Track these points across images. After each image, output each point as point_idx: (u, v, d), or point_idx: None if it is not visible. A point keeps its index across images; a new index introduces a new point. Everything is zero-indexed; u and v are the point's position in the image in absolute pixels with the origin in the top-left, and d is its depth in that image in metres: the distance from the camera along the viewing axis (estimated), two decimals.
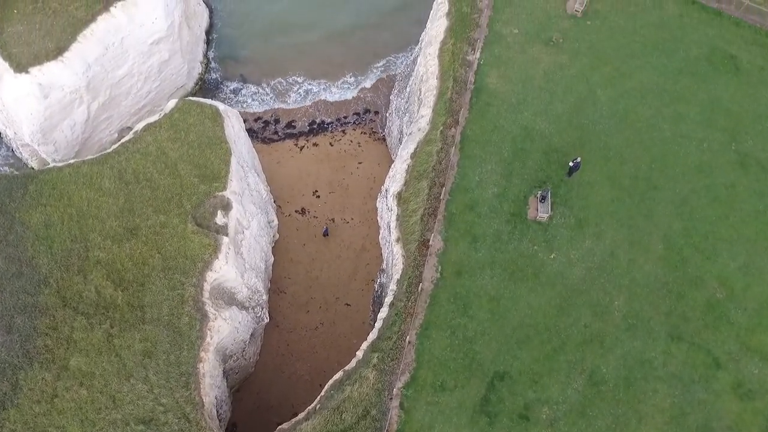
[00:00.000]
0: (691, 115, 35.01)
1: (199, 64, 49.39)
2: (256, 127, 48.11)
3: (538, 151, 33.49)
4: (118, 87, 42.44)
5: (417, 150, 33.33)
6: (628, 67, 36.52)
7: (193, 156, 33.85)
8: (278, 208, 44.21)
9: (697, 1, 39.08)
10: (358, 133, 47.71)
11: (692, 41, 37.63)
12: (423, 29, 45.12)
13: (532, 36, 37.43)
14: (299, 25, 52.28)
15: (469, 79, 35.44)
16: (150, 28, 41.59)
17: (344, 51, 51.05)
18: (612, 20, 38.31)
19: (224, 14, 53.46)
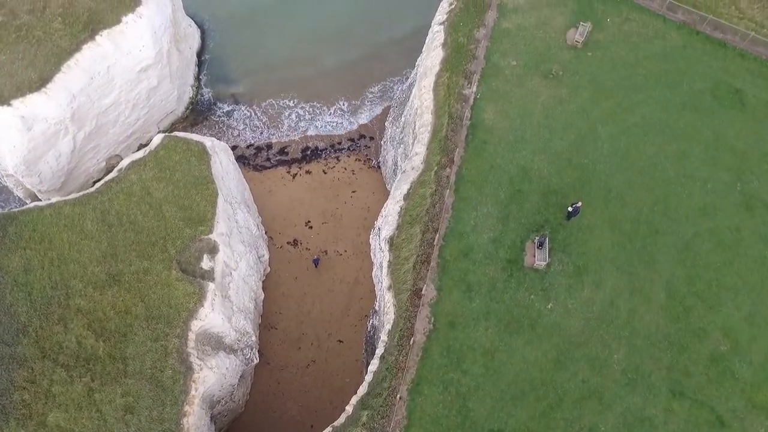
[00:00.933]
0: (695, 153, 33.77)
1: (189, 87, 48.19)
2: (248, 153, 46.96)
3: (536, 192, 32.29)
4: (104, 116, 41.26)
5: (410, 191, 32.15)
6: (630, 102, 35.26)
7: (179, 197, 32.71)
8: (270, 239, 43.11)
9: (701, 32, 37.77)
10: (352, 160, 46.53)
11: (696, 73, 36.34)
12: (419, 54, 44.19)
13: (530, 68, 36.16)
14: (292, 47, 51.06)
15: (465, 115, 34.21)
16: (138, 55, 40.36)
17: (339, 74, 49.82)
18: (613, 51, 37.01)
19: (216, 35, 52.25)
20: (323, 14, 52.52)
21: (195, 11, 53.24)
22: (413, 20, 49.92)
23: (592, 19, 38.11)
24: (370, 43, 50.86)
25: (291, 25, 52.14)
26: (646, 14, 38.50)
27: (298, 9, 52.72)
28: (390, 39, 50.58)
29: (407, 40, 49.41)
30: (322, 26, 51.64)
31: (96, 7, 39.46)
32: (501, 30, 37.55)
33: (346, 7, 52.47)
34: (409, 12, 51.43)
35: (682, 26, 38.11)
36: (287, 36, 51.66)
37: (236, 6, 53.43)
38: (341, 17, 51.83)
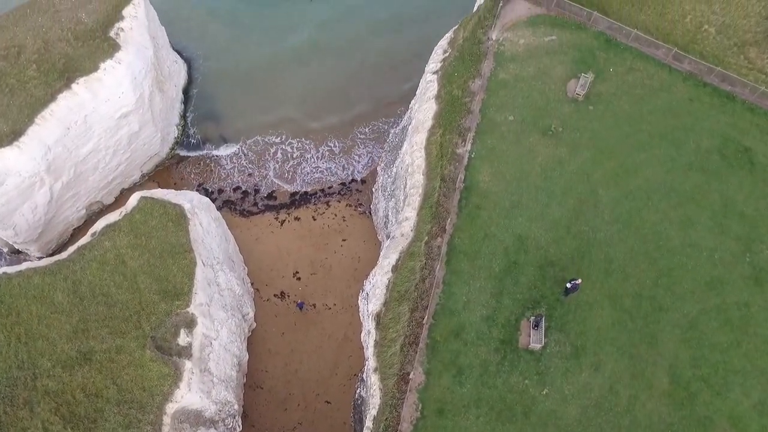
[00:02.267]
0: (701, 220, 31.86)
1: (174, 128, 46.36)
2: (235, 197, 45.14)
3: (533, 265, 30.45)
4: (83, 164, 39.53)
5: (399, 263, 30.36)
6: (634, 162, 33.34)
7: (155, 266, 30.98)
8: (256, 291, 41.38)
9: (709, 84, 35.77)
10: (342, 206, 44.69)
11: (703, 130, 34.38)
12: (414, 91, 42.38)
13: (528, 124, 34.25)
14: (282, 82, 49.23)
15: (458, 177, 32.35)
16: (117, 102, 38.57)
17: (331, 113, 47.93)
18: (616, 105, 35.05)
19: (204, 68, 50.43)
20: (316, 49, 50.69)
21: (182, 44, 51.50)
22: (409, 58, 48.15)
23: (594, 68, 36.14)
24: (364, 81, 48.97)
25: (281, 59, 50.31)
26: (651, 63, 36.50)
27: (289, 44, 50.89)
28: (384, 77, 48.69)
29: (403, 79, 47.56)
30: (315, 61, 49.81)
31: (73, 53, 37.66)
32: (498, 81, 35.60)
33: (340, 44, 50.58)
34: (405, 49, 49.62)
35: (689, 77, 36.11)
36: (277, 70, 49.88)
37: (224, 40, 51.68)
38: (334, 53, 49.98)
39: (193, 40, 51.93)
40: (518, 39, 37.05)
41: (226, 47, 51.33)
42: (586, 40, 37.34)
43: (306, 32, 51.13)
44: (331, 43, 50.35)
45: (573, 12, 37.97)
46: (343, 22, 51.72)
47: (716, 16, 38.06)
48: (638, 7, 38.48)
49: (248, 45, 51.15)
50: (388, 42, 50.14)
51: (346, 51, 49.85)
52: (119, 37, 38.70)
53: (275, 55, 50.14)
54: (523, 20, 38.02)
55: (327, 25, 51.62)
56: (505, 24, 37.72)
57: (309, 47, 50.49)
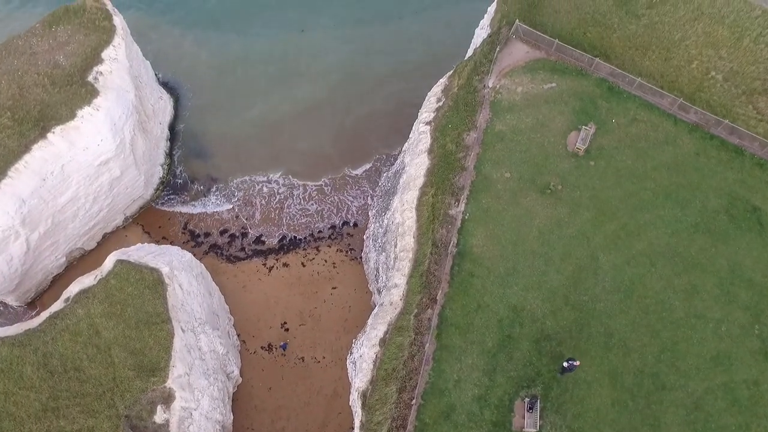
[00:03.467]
0: (707, 288, 30.15)
1: (159, 168, 44.66)
2: (222, 241, 43.51)
3: (528, 339, 28.80)
4: (61, 213, 37.89)
5: (387, 336, 28.72)
6: (636, 224, 31.60)
7: (130, 338, 29.37)
8: (242, 343, 39.82)
9: (716, 136, 33.96)
10: (333, 251, 43.02)
11: (710, 188, 32.61)
12: (409, 130, 40.71)
13: (526, 181, 32.50)
14: (272, 118, 47.50)
15: (451, 241, 30.67)
16: (96, 150, 36.86)
17: (322, 150, 46.24)
18: (619, 160, 33.27)
19: (191, 102, 48.67)
20: (309, 85, 48.91)
21: (169, 76, 49.79)
22: (404, 97, 46.50)
23: (595, 119, 34.38)
24: (357, 120, 47.20)
25: (272, 95, 48.54)
26: (655, 114, 34.69)
27: (280, 79, 49.09)
28: (378, 113, 46.93)
29: (397, 116, 45.81)
30: (307, 98, 48.04)
31: (49, 99, 35.92)
32: (494, 133, 33.84)
33: (333, 75, 48.88)
34: (401, 83, 47.90)
35: (695, 129, 34.31)
36: (268, 107, 48.10)
37: (213, 72, 49.91)
38: (328, 90, 48.21)
39: (181, 71, 50.16)
40: (516, 86, 35.25)
41: (215, 80, 49.57)
42: (588, 87, 35.52)
43: (298, 67, 49.28)
44: (325, 80, 48.54)
45: (574, 57, 36.12)
46: (337, 54, 49.90)
47: (723, 62, 36.22)
48: (642, 52, 36.63)
49: (238, 78, 49.38)
50: (383, 81, 48.43)
51: (340, 87, 48.09)
52: (98, 81, 36.95)
53: (266, 91, 48.34)
54: (521, 65, 36.18)
55: (319, 57, 49.83)
56: (502, 70, 35.90)
57: (301, 83, 48.67)
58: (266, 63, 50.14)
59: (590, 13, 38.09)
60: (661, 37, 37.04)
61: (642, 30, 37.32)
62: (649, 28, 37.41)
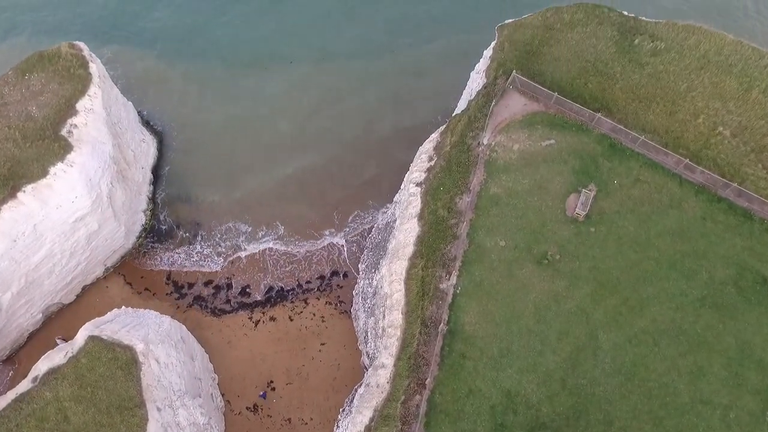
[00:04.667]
0: (714, 370, 28.37)
1: (142, 214, 42.82)
2: (206, 293, 41.72)
3: (522, 427, 27.05)
4: (36, 271, 36.13)
5: (372, 425, 27.00)
6: (639, 298, 29.78)
7: (101, 425, 27.62)
8: (227, 404, 38.15)
9: (724, 199, 32.06)
10: (322, 304, 41.26)
11: (717, 257, 30.74)
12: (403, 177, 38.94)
13: (522, 250, 30.67)
14: (259, 160, 45.63)
15: (441, 318, 28.91)
16: (70, 207, 35.07)
17: (311, 197, 44.41)
18: (620, 226, 31.41)
19: (176, 142, 46.81)
20: (296, 122, 47.04)
21: (154, 113, 47.92)
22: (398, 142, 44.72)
23: (596, 179, 32.49)
24: (349, 165, 45.28)
25: (260, 135, 46.69)
26: (659, 173, 32.78)
27: (269, 117, 47.22)
28: (369, 158, 45.05)
29: (389, 162, 43.99)
30: (298, 140, 46.15)
31: (20, 155, 34.09)
32: (489, 197, 31.99)
33: (323, 115, 46.97)
34: (393, 125, 46.05)
35: (702, 190, 32.42)
36: (256, 148, 46.25)
37: (199, 108, 48.04)
38: (319, 132, 46.32)
39: (167, 106, 48.29)
40: (512, 144, 33.35)
41: (200, 116, 47.70)
42: (589, 144, 33.62)
43: (286, 103, 47.39)
44: (314, 121, 46.68)
45: (574, 111, 34.22)
46: (327, 91, 47.99)
47: (731, 116, 34.25)
48: (646, 104, 34.68)
49: (226, 116, 47.52)
50: (374, 123, 46.57)
51: (330, 131, 46.19)
52: (72, 135, 35.08)
53: (254, 131, 46.53)
54: (518, 119, 34.27)
55: (308, 93, 47.92)
56: (498, 124, 34.01)
57: (289, 123, 46.80)
58: (254, 98, 48.21)
59: (591, 61, 36.13)
60: (665, 88, 35.09)
61: (646, 80, 35.37)
62: (653, 77, 35.45)
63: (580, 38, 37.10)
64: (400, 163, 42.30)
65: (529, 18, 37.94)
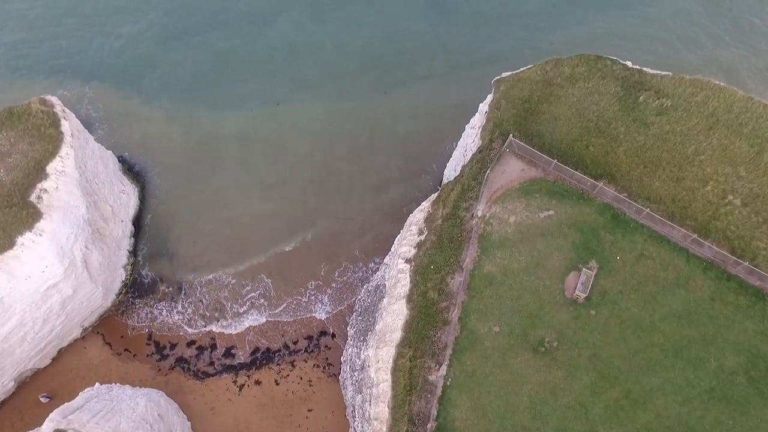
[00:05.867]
0: None
1: (122, 270, 40.91)
2: (188, 354, 39.91)
3: None
4: (6, 341, 34.35)
5: None
6: (642, 390, 27.81)
7: None
8: None
9: (734, 277, 29.97)
10: (309, 367, 39.43)
11: (727, 343, 28.71)
12: (396, 233, 36.97)
13: (517, 336, 28.71)
14: (244, 211, 43.66)
15: (430, 414, 27.01)
16: (40, 277, 33.22)
17: (297, 249, 42.48)
18: (623, 307, 29.39)
19: (160, 189, 44.82)
20: (286, 168, 45.01)
21: (135, 157, 45.92)
22: (388, 191, 42.65)
23: (598, 255, 30.44)
24: (336, 218, 43.30)
25: (245, 180, 44.68)
26: (665, 248, 30.68)
27: (251, 161, 45.23)
28: (358, 213, 43.03)
29: (379, 219, 42.07)
30: (286, 188, 44.15)
31: None
32: (482, 276, 29.96)
33: (314, 162, 44.96)
34: (387, 171, 44.01)
35: (710, 266, 30.32)
36: (242, 194, 44.26)
37: (180, 150, 46.11)
38: (307, 173, 44.30)
39: (150, 151, 46.34)
40: (508, 215, 31.29)
41: (185, 161, 45.76)
42: (590, 216, 31.54)
43: (272, 150, 45.38)
44: (302, 170, 44.65)
45: (575, 178, 32.13)
46: (315, 136, 45.93)
47: (742, 182, 32.08)
48: (651, 170, 32.53)
49: (210, 160, 45.57)
50: (367, 170, 44.42)
51: (319, 181, 44.23)
52: (41, 201, 33.15)
53: (239, 177, 44.56)
54: (515, 187, 32.18)
55: (296, 138, 45.86)
56: (493, 193, 31.93)
57: (278, 170, 44.78)
58: (240, 141, 46.21)
59: (594, 120, 33.99)
60: (672, 151, 32.93)
61: (651, 141, 33.22)
62: (659, 139, 33.30)
63: (581, 94, 34.97)
64: (390, 214, 40.60)
65: (528, 72, 35.76)
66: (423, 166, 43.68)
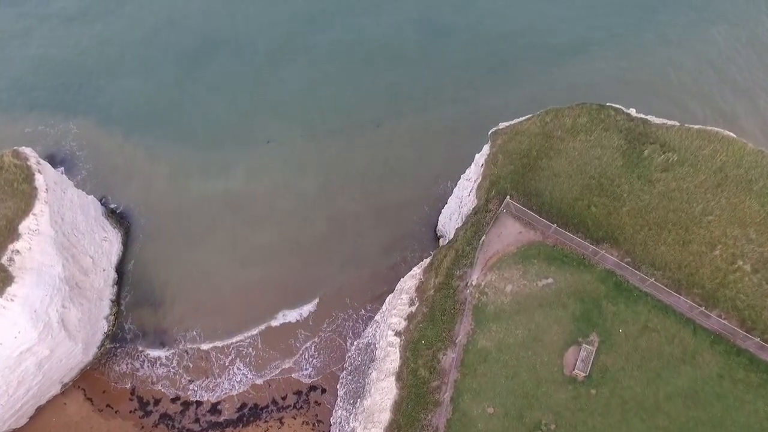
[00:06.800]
0: None
1: (104, 322, 39.30)
2: (173, 410, 38.34)
3: None
4: None
5: None
6: None
7: None
8: None
9: (744, 351, 28.26)
10: (298, 424, 37.83)
11: (736, 425, 26.90)
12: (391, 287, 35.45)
13: (513, 418, 27.04)
14: (231, 256, 42.02)
15: None
16: (13, 343, 31.62)
17: (286, 305, 40.82)
18: (626, 386, 27.67)
19: (143, 233, 43.15)
20: (275, 211, 43.34)
21: (118, 200, 44.26)
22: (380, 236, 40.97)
23: (599, 327, 28.72)
24: (326, 268, 41.58)
25: (228, 225, 43.02)
26: (671, 319, 28.95)
27: (239, 201, 43.55)
28: (349, 261, 41.33)
29: (370, 268, 40.43)
30: (273, 233, 42.49)
31: None
32: (476, 351, 28.28)
33: (304, 205, 43.24)
34: (376, 220, 42.32)
35: (718, 340, 28.59)
36: (225, 238, 42.66)
37: (166, 193, 44.43)
38: (297, 217, 42.67)
39: (134, 191, 44.70)
40: (505, 284, 29.57)
41: (170, 202, 44.11)
42: (591, 284, 29.80)
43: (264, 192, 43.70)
44: (292, 217, 43.02)
45: (575, 243, 30.39)
46: (305, 178, 44.24)
47: (752, 246, 30.28)
48: (656, 232, 30.73)
49: (195, 201, 43.94)
50: (360, 215, 42.74)
51: (310, 223, 42.51)
52: (14, 263, 31.51)
53: (224, 220, 42.92)
54: (512, 251, 30.44)
55: (286, 181, 44.15)
56: (489, 258, 30.20)
57: (267, 215, 43.10)
58: (226, 181, 44.56)
59: (596, 177, 32.20)
60: (678, 211, 31.14)
61: (656, 201, 31.42)
62: (664, 197, 31.50)
63: (583, 148, 33.17)
64: (383, 261, 39.10)
65: (527, 123, 33.92)
66: (416, 209, 42.10)
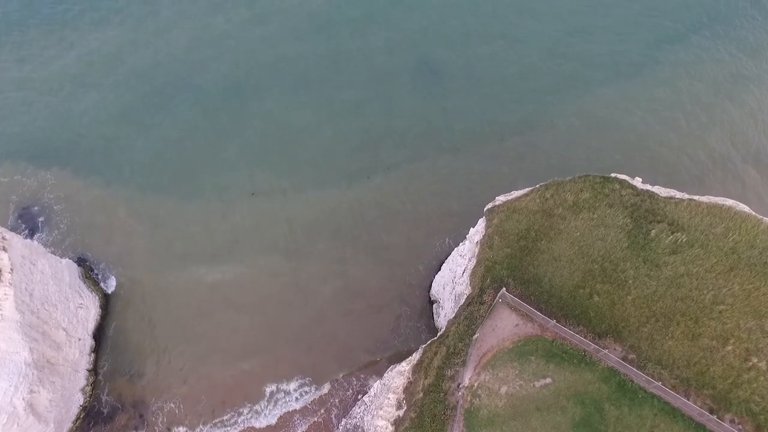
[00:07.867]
0: None
1: (79, 394, 37.31)
2: None
3: None
4: None
5: None
6: None
7: None
8: None
9: None
10: None
11: None
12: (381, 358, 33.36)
13: None
14: (214, 318, 39.96)
15: None
16: None
17: (270, 368, 38.77)
18: None
19: (123, 291, 41.08)
20: (258, 269, 41.24)
21: (97, 258, 42.19)
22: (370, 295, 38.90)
23: None
24: (312, 334, 39.45)
25: (213, 280, 40.97)
26: (679, 425, 26.83)
27: (222, 257, 41.51)
28: (341, 321, 39.27)
29: (362, 324, 38.41)
30: (258, 289, 40.43)
31: None
32: None
33: (292, 263, 41.23)
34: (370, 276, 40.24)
35: None
36: (207, 299, 40.59)
37: (146, 253, 42.32)
38: (285, 277, 40.65)
39: (113, 247, 42.63)
40: (499, 385, 27.42)
41: (150, 260, 42.02)
42: (593, 384, 27.63)
43: (248, 249, 41.61)
44: (285, 272, 40.88)
45: (576, 339, 28.21)
46: (292, 236, 42.06)
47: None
48: (664, 324, 28.54)
49: (176, 258, 41.85)
50: (350, 274, 40.66)
51: (298, 282, 40.49)
52: None
53: (207, 278, 40.88)
54: (507, 347, 28.26)
55: (272, 232, 42.03)
56: (483, 355, 28.03)
57: (253, 274, 41.03)
58: (210, 235, 42.45)
59: (599, 261, 29.95)
60: (687, 299, 28.89)
61: (664, 288, 29.18)
62: (673, 284, 29.24)
63: (585, 228, 30.91)
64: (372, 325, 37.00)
65: (525, 200, 31.64)
66: (408, 268, 39.98)
